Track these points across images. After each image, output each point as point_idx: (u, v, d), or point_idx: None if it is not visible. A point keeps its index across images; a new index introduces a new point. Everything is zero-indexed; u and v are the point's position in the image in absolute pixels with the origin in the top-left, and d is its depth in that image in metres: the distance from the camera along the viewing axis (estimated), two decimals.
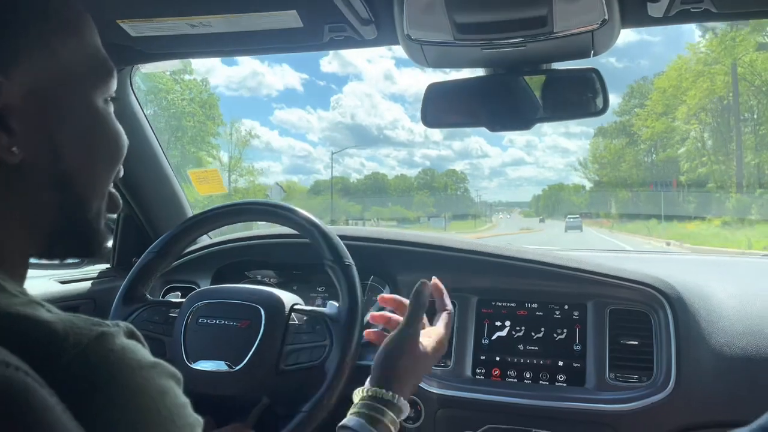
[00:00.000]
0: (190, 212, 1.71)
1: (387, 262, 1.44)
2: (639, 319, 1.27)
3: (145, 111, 1.55)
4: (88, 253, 0.60)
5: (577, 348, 1.29)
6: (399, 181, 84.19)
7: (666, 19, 1.01)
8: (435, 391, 1.29)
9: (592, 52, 1.09)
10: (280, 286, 1.43)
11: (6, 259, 0.53)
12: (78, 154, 0.56)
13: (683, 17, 1.00)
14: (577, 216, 41.61)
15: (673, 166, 39.46)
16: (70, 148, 0.55)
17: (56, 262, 0.60)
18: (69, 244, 0.59)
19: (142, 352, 0.49)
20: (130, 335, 0.50)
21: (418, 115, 1.22)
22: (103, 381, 0.45)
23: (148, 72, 1.53)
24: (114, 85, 0.61)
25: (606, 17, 0.96)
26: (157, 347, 1.21)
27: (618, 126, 47.66)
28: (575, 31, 1.00)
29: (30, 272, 0.59)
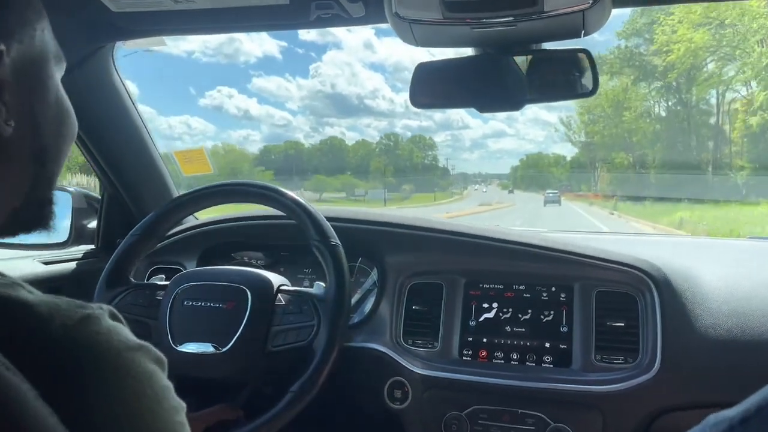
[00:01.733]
0: (176, 192, 1.69)
1: (375, 244, 1.44)
2: (625, 301, 1.27)
3: (128, 88, 1.52)
4: (41, 227, 0.61)
5: (563, 330, 1.29)
6: (358, 147, 76.18)
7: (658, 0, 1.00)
8: (421, 372, 1.29)
9: (583, 32, 1.08)
10: (267, 267, 1.42)
11: None
12: (50, 130, 0.58)
13: None
14: (556, 191, 38.49)
15: (708, 115, 27.59)
16: (45, 124, 0.57)
17: (6, 240, 0.60)
18: (26, 220, 0.59)
19: (127, 334, 0.49)
20: (113, 318, 0.50)
21: (399, 84, 1.23)
22: (91, 363, 0.45)
23: None
24: (65, 66, 0.63)
25: None
26: (141, 330, 1.21)
27: (622, 55, 32.11)
28: (566, 10, 0.98)
29: (12, 252, 0.59)
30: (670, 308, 1.22)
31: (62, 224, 1.54)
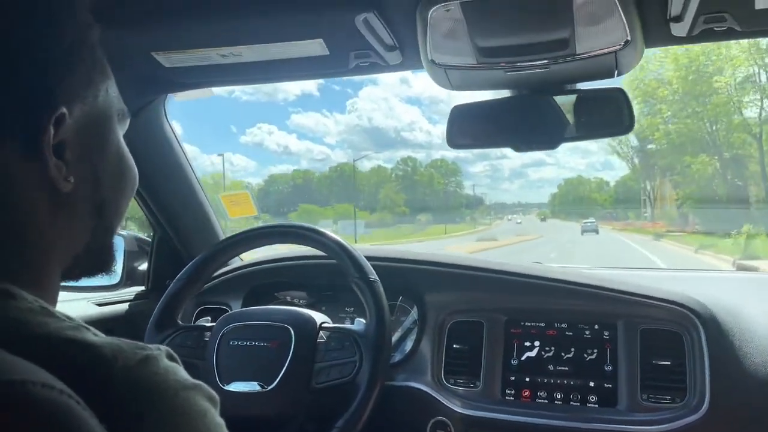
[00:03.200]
0: (222, 234, 1.75)
1: (414, 283, 1.45)
2: (671, 339, 1.25)
3: (177, 136, 1.60)
4: (102, 272, 0.64)
5: (608, 368, 1.27)
6: (371, 175, 68.68)
7: (690, 39, 1.01)
8: (464, 412, 1.28)
9: (616, 72, 1.09)
10: (310, 306, 1.45)
11: (47, 285, 0.56)
12: (110, 184, 0.61)
13: (707, 36, 1.00)
14: (593, 220, 35.98)
15: None
16: (105, 179, 0.60)
17: (71, 283, 0.64)
18: (87, 266, 0.62)
19: (183, 373, 0.52)
20: (170, 358, 0.53)
21: (435, 117, 1.24)
22: (151, 402, 0.47)
23: None
24: (127, 123, 0.67)
25: (629, 38, 0.96)
26: (190, 371, 1.23)
27: None
28: (598, 52, 1.00)
29: (68, 295, 0.63)
30: (717, 346, 1.19)
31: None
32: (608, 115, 1.17)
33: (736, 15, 0.91)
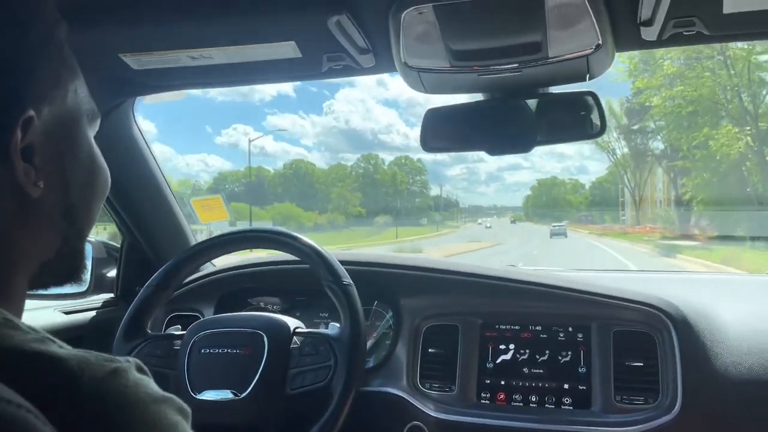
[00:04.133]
0: (193, 240, 1.72)
1: (389, 287, 1.44)
2: (644, 341, 1.26)
3: (146, 139, 1.57)
4: (72, 280, 0.62)
5: (582, 370, 1.28)
6: (330, 172, 62.52)
7: (660, 42, 1.02)
8: (440, 417, 1.28)
9: (588, 75, 1.10)
10: (283, 312, 1.44)
11: (13, 294, 0.54)
12: (81, 188, 0.59)
13: (677, 40, 1.01)
14: (561, 223, 34.78)
15: None
16: (75, 183, 0.58)
17: (38, 291, 0.61)
18: (56, 273, 0.60)
19: (153, 386, 0.51)
20: (140, 370, 0.51)
21: (412, 119, 1.24)
22: (120, 416, 0.46)
23: None
24: (98, 124, 0.64)
25: (600, 42, 0.97)
26: (160, 381, 1.21)
27: None
28: (570, 56, 1.01)
29: (34, 303, 0.60)
30: (689, 347, 1.21)
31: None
32: (580, 119, 1.18)
33: (705, 19, 0.92)
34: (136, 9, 0.98)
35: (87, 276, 1.56)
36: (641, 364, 1.25)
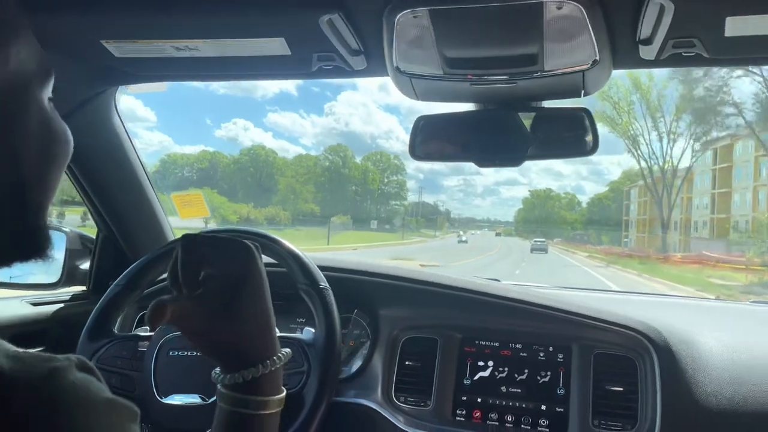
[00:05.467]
0: (171, 236, 1.67)
1: (369, 295, 1.41)
2: (625, 365, 1.24)
3: (128, 132, 1.52)
4: (37, 256, 0.56)
5: (560, 392, 1.25)
6: (296, 162, 53.96)
7: (658, 62, 1.00)
8: None
9: (583, 92, 1.08)
10: None
11: None
12: (35, 159, 0.53)
13: (676, 61, 0.99)
14: (543, 240, 34.56)
15: None
16: (28, 155, 0.53)
17: (5, 279, 0.56)
18: (19, 250, 0.55)
19: (96, 387, 0.47)
20: (82, 368, 0.48)
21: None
22: (59, 421, 0.43)
23: None
24: (51, 83, 0.57)
25: (597, 58, 0.95)
26: (126, 384, 1.18)
27: None
28: (566, 70, 0.99)
29: (1, 292, 0.55)
30: (670, 374, 1.18)
31: (55, 265, 1.52)
32: (572, 136, 1.16)
33: (706, 41, 0.90)
34: None
35: (57, 266, 1.51)
36: (621, 388, 1.22)
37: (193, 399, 1.12)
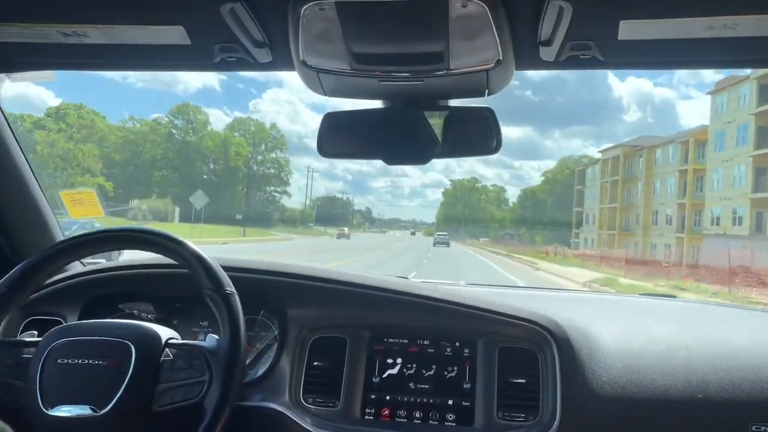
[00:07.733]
0: (60, 236, 1.55)
1: (276, 296, 1.37)
2: (527, 357, 1.28)
3: (11, 125, 1.40)
4: None
5: (466, 386, 1.27)
6: (131, 131, 39.68)
7: (557, 64, 1.04)
8: None
9: (487, 91, 1.10)
10: (159, 321, 1.33)
11: None
12: None
13: (573, 63, 1.03)
14: (445, 233, 34.68)
15: None
16: None
17: None
18: None
19: None
20: None
21: None
22: None
23: None
24: None
25: (500, 57, 0.97)
26: (7, 394, 1.08)
27: None
28: (470, 69, 1.00)
29: None
30: (568, 364, 1.23)
31: None
32: (477, 134, 1.18)
33: (600, 45, 0.94)
34: None
35: None
36: (524, 380, 1.26)
37: (83, 410, 1.03)
